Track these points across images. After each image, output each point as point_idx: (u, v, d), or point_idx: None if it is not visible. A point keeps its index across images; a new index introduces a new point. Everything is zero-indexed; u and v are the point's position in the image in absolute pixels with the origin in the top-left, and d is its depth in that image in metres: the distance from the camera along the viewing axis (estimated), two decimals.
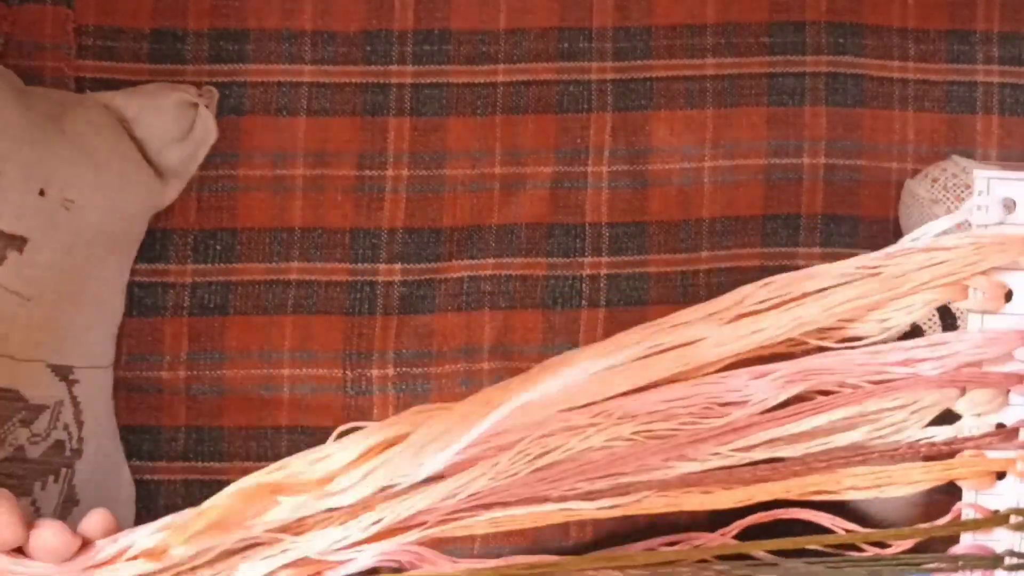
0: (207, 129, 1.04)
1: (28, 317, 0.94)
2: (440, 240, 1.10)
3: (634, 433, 0.77)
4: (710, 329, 0.78)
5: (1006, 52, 1.13)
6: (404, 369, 1.09)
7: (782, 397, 0.78)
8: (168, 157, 1.03)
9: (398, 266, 1.09)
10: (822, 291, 0.79)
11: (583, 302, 1.10)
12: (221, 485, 1.06)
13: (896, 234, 1.12)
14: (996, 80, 1.13)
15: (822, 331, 0.79)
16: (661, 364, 0.78)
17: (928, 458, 0.78)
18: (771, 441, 0.78)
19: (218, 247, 1.08)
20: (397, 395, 1.08)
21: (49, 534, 0.74)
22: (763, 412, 0.78)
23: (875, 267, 0.80)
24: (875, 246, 1.12)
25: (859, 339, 0.79)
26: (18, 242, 0.94)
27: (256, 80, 1.09)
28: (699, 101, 1.12)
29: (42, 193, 0.95)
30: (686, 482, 0.77)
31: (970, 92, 1.13)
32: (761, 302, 0.79)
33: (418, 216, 1.10)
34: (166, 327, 1.07)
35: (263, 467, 1.06)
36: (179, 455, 1.07)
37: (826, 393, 0.78)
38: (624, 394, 0.77)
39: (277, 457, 1.06)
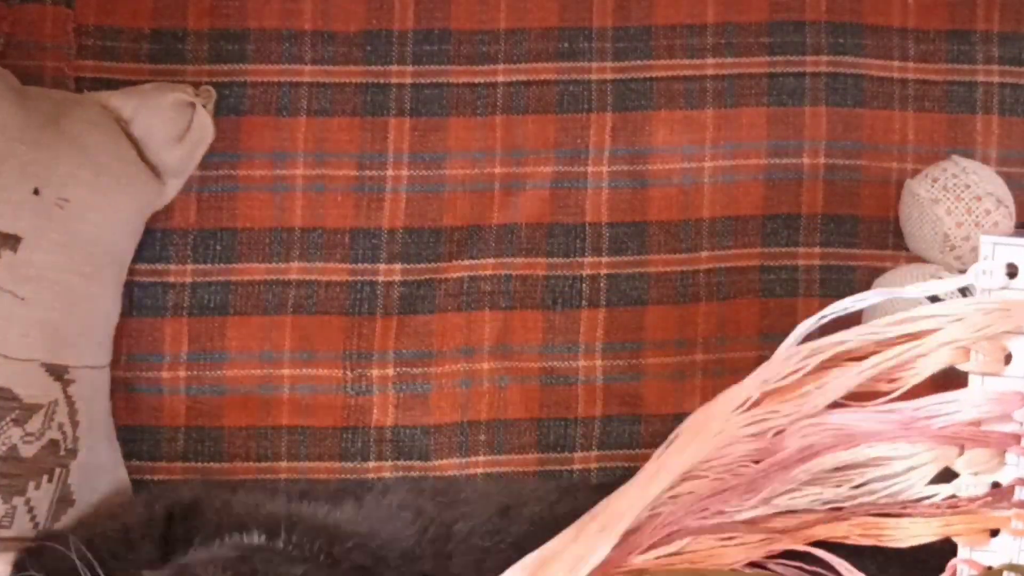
0: (204, 129, 1.04)
1: (23, 316, 0.94)
2: (440, 240, 1.10)
3: (671, 496, 0.80)
4: (740, 419, 0.81)
5: (1006, 52, 1.13)
6: (404, 369, 1.09)
7: (797, 448, 0.80)
8: (165, 157, 1.03)
9: (398, 266, 1.09)
10: (840, 360, 0.81)
11: (583, 302, 1.10)
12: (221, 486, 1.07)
13: (896, 234, 1.12)
14: (996, 80, 1.13)
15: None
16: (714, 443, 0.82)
17: (928, 515, 0.80)
18: (790, 487, 0.80)
19: (218, 247, 1.08)
20: (397, 395, 1.08)
21: None
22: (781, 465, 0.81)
23: (883, 338, 0.81)
24: (875, 246, 1.13)
25: (874, 395, 0.81)
26: (12, 241, 0.94)
27: (256, 80, 1.09)
28: (699, 101, 1.12)
29: (36, 192, 0.95)
30: (718, 531, 0.80)
31: (970, 92, 1.13)
32: (783, 378, 0.81)
33: (418, 216, 1.09)
34: (166, 327, 1.07)
35: (262, 467, 1.08)
36: (179, 455, 1.07)
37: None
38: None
39: (277, 457, 1.07)
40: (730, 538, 0.81)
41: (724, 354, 1.11)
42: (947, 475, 0.81)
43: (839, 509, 0.81)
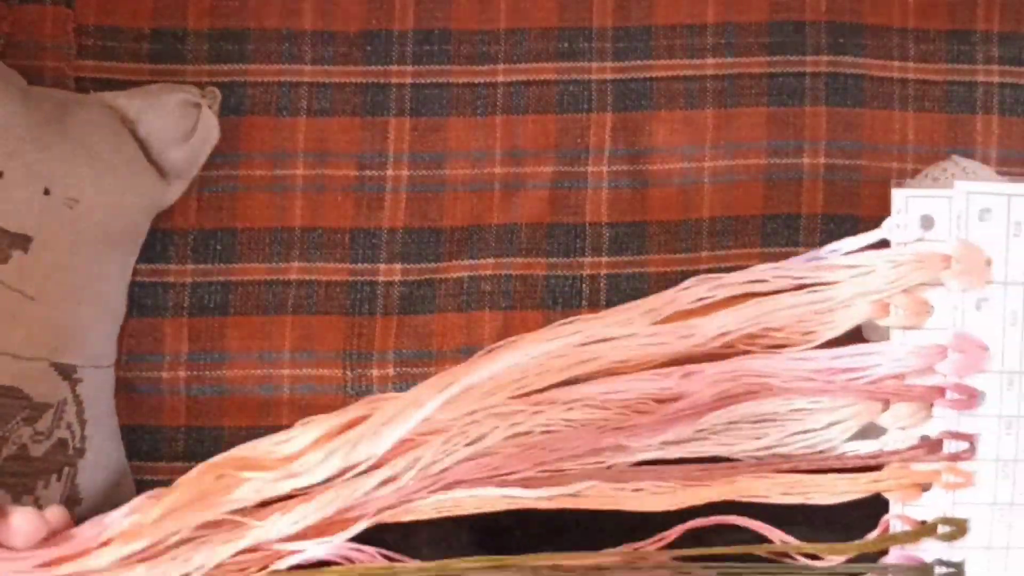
0: (210, 129, 1.04)
1: (32, 316, 0.94)
2: (440, 240, 1.10)
3: (566, 420, 0.79)
4: (644, 327, 0.80)
5: (1006, 52, 1.13)
6: (404, 369, 1.09)
7: (710, 395, 0.79)
8: (171, 157, 1.03)
9: (398, 266, 1.09)
10: (751, 298, 0.81)
11: (583, 302, 1.10)
12: None
13: None
14: (996, 80, 1.13)
15: (749, 336, 0.80)
16: (595, 354, 0.79)
17: (856, 470, 0.79)
18: (699, 433, 0.79)
19: (218, 247, 1.08)
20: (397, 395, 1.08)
21: (20, 519, 0.74)
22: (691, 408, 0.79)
23: (801, 278, 0.81)
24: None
25: (783, 347, 0.80)
26: (22, 241, 0.94)
27: (256, 80, 1.09)
28: (699, 101, 1.12)
29: (47, 192, 0.95)
30: (620, 478, 0.78)
31: (970, 92, 1.13)
32: (696, 301, 0.80)
33: (418, 216, 1.10)
34: (166, 327, 1.07)
35: None
36: (179, 455, 1.07)
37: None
38: (560, 384, 0.79)
39: None
40: (637, 490, 0.79)
41: None
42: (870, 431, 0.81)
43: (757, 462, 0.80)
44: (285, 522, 0.76)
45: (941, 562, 0.79)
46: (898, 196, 0.79)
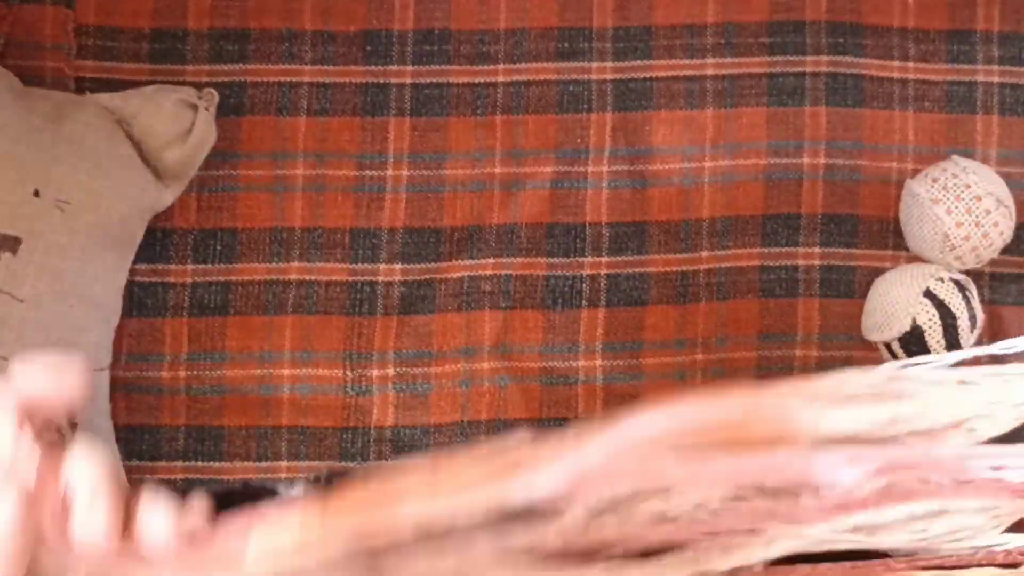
0: (207, 131, 1.04)
1: (20, 318, 0.94)
2: (440, 240, 1.10)
3: (724, 500, 0.76)
4: (809, 409, 0.78)
5: (1006, 52, 1.13)
6: (404, 369, 1.09)
7: (867, 488, 0.78)
8: (167, 159, 1.03)
9: (398, 266, 1.09)
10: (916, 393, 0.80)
11: (583, 302, 1.10)
12: (221, 485, 1.07)
13: (896, 234, 1.12)
14: (996, 80, 1.13)
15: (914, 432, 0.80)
16: (757, 430, 0.78)
17: (1004, 565, 0.78)
18: (854, 528, 0.78)
19: (218, 247, 1.08)
20: (397, 395, 1.08)
21: (158, 520, 0.63)
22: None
23: (971, 382, 0.79)
24: (875, 246, 1.13)
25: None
26: (11, 242, 0.94)
27: (256, 80, 1.09)
28: (699, 101, 1.12)
29: (37, 194, 0.95)
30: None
31: (970, 92, 1.13)
32: (863, 387, 0.79)
33: (418, 216, 1.10)
34: (166, 327, 1.07)
35: (262, 467, 1.08)
36: (179, 455, 1.07)
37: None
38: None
39: (277, 457, 1.08)
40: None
41: (724, 354, 1.11)
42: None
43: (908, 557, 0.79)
44: None
45: None
46: None
